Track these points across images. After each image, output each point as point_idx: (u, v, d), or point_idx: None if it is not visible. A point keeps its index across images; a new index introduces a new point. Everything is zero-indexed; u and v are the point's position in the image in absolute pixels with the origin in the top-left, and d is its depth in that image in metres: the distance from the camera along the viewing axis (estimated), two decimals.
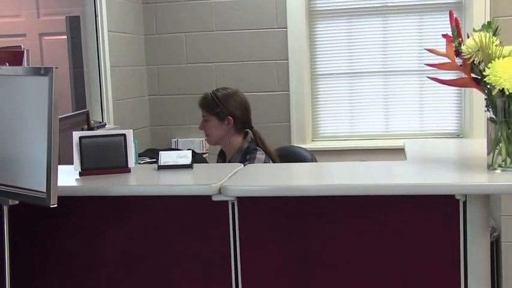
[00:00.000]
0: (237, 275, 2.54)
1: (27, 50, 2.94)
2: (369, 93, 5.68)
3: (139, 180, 2.73)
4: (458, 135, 5.57)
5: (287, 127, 5.74)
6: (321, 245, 2.49)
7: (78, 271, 2.69)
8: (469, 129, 5.43)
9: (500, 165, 2.40)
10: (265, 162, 3.63)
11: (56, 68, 2.10)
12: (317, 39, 5.73)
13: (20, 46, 2.97)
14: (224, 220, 2.52)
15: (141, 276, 2.63)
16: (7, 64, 2.73)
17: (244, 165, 2.88)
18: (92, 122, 4.31)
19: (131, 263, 2.64)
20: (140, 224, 2.62)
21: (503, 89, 2.29)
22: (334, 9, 5.67)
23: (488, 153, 2.44)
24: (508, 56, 2.34)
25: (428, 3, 5.50)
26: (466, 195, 2.35)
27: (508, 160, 2.39)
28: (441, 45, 2.54)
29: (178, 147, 5.76)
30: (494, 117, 2.40)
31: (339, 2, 5.66)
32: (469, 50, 2.39)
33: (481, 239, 2.40)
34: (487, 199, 2.43)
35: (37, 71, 2.17)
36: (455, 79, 2.65)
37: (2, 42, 5.24)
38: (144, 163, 4.73)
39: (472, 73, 2.45)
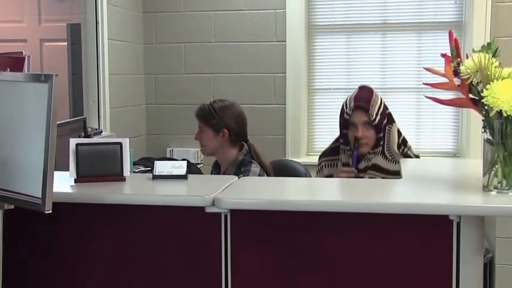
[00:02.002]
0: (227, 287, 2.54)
1: (28, 56, 2.95)
2: None
3: (134, 189, 2.73)
4: (455, 155, 5.57)
5: (282, 140, 5.75)
6: (312, 260, 2.49)
7: (70, 277, 2.68)
8: (466, 148, 5.44)
9: (495, 187, 2.39)
10: (259, 175, 3.63)
11: (56, 75, 2.10)
12: (315, 54, 5.75)
13: (22, 52, 2.98)
14: (216, 232, 2.51)
15: (132, 284, 2.63)
16: (8, 69, 2.74)
17: (238, 178, 2.89)
18: (89, 129, 4.32)
19: (123, 272, 2.63)
20: (133, 233, 2.61)
21: (501, 110, 2.29)
22: (334, 25, 5.69)
23: (484, 175, 2.43)
24: (507, 77, 2.33)
25: (427, 21, 5.52)
26: (460, 216, 2.35)
27: (504, 182, 2.38)
28: (440, 64, 2.54)
29: (173, 157, 5.77)
30: (491, 138, 2.40)
31: (338, 18, 5.68)
32: (468, 70, 2.39)
33: (475, 260, 2.40)
34: (482, 220, 2.42)
35: (37, 78, 2.18)
36: (453, 99, 2.65)
37: (3, 47, 5.25)
38: (138, 171, 4.73)
39: (470, 94, 2.45)
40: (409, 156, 3.49)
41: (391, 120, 3.50)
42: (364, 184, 2.88)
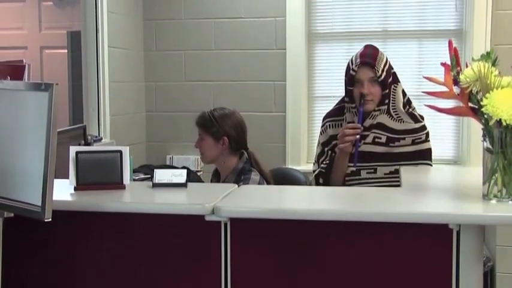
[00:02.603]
0: None
1: (29, 65, 2.95)
2: None
3: (134, 197, 2.73)
4: (455, 162, 5.56)
5: (282, 148, 5.75)
6: (312, 268, 2.49)
7: (70, 285, 2.68)
8: (467, 156, 5.43)
9: (495, 196, 2.39)
10: (259, 183, 3.62)
11: (57, 84, 2.11)
12: (316, 62, 5.75)
13: (22, 60, 2.98)
14: (216, 240, 2.52)
15: None
16: (8, 78, 2.74)
17: (238, 186, 2.89)
18: (89, 137, 4.32)
19: (123, 279, 2.63)
20: (133, 241, 2.61)
21: (500, 119, 2.29)
22: (334, 33, 5.69)
23: (484, 183, 2.43)
24: (506, 86, 2.34)
25: (428, 29, 5.53)
26: (459, 224, 2.35)
27: (504, 191, 2.38)
28: (440, 72, 2.55)
29: (173, 164, 5.76)
30: (490, 147, 2.40)
31: (338, 26, 5.68)
32: (467, 79, 2.39)
33: (474, 269, 2.40)
34: (481, 229, 2.42)
35: (38, 87, 2.18)
36: (453, 108, 2.65)
37: (3, 54, 5.27)
38: (138, 179, 4.72)
39: (469, 102, 2.46)
40: (415, 116, 3.48)
41: (396, 79, 3.52)
42: (364, 193, 2.88)
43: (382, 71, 3.41)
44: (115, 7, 5.30)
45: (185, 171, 2.84)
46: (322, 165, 3.55)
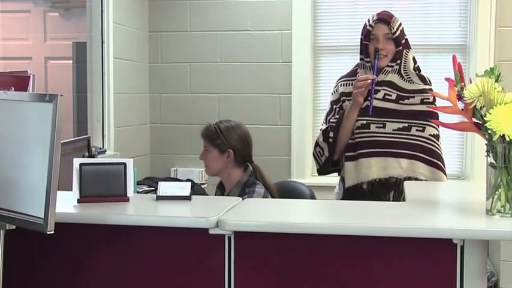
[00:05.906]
0: None
1: (33, 76, 2.94)
2: None
3: (137, 210, 2.73)
4: (459, 177, 5.56)
5: (287, 161, 5.75)
6: (316, 282, 2.48)
7: None
8: (471, 171, 5.43)
9: (499, 211, 2.40)
10: (264, 196, 3.61)
11: (61, 95, 2.11)
12: (321, 75, 5.75)
13: (27, 71, 2.97)
14: (220, 254, 2.51)
15: None
16: (12, 88, 2.73)
17: (242, 199, 2.88)
18: (93, 148, 4.32)
19: None
20: (136, 254, 2.61)
21: (504, 134, 2.30)
22: (339, 46, 5.70)
23: (488, 198, 2.44)
24: (509, 102, 2.34)
25: (432, 44, 5.53)
26: (463, 239, 2.35)
27: (507, 206, 2.38)
28: (444, 86, 2.56)
29: (177, 177, 5.76)
30: (494, 162, 2.41)
31: (343, 39, 5.69)
32: (471, 95, 2.40)
33: (478, 284, 2.39)
34: (485, 244, 2.42)
35: (42, 98, 2.18)
36: (457, 123, 2.66)
37: (8, 64, 5.27)
38: (142, 191, 4.73)
39: (473, 118, 2.46)
40: (424, 78, 3.67)
41: (408, 46, 3.71)
42: (368, 207, 2.87)
43: (397, 29, 3.61)
44: (121, 19, 5.32)
45: (189, 184, 2.84)
46: (332, 119, 3.67)
